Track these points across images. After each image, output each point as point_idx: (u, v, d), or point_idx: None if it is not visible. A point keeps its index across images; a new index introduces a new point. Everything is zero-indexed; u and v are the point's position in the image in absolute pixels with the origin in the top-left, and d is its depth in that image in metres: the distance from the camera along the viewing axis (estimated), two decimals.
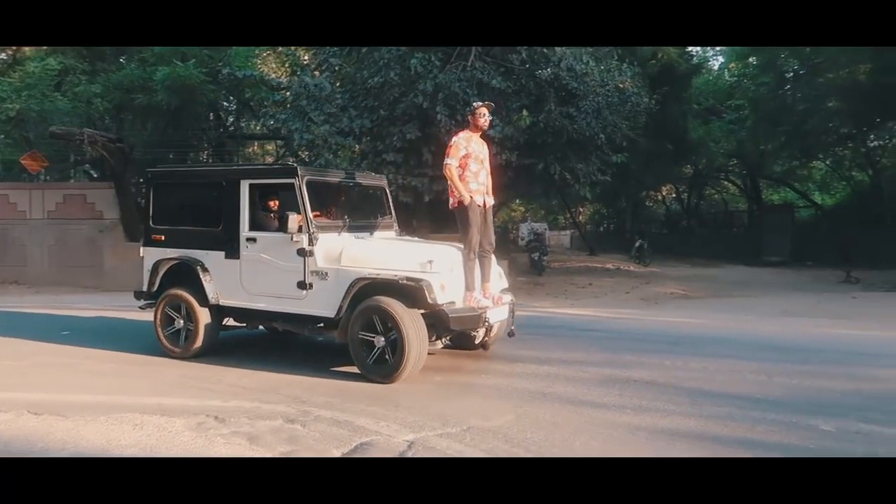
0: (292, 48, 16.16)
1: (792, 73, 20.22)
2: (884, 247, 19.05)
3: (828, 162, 24.10)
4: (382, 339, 5.36)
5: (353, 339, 5.51)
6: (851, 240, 20.19)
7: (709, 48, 25.28)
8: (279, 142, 19.03)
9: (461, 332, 5.96)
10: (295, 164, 5.97)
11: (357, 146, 12.55)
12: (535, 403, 4.90)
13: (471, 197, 5.82)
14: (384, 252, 5.88)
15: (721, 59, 26.38)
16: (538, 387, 5.32)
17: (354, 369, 5.86)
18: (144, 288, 6.72)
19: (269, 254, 6.00)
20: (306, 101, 12.51)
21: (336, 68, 13.29)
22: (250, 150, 22.39)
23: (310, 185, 5.92)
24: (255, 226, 6.19)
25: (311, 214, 5.81)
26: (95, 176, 19.58)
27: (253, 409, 4.70)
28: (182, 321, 6.42)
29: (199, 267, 6.32)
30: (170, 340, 6.50)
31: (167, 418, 4.46)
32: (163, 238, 6.63)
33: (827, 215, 24.95)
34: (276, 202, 6.60)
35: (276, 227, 6.17)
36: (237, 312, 6.42)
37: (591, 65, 12.10)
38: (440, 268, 5.50)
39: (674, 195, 33.24)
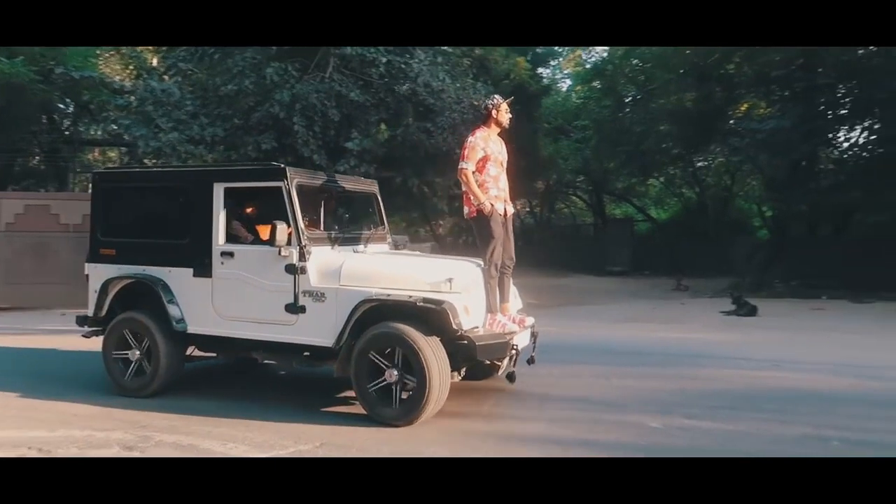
0: (138, 49, 15.25)
1: (630, 98, 21.92)
2: (708, 257, 21.10)
3: (661, 180, 26.27)
4: (395, 372, 4.60)
5: (358, 373, 4.70)
6: (682, 251, 22.16)
7: (557, 71, 26.86)
8: (123, 149, 17.80)
9: (485, 362, 5.24)
10: (282, 165, 5.15)
11: (209, 155, 12.04)
12: None
13: (492, 205, 5.09)
14: (392, 268, 5.10)
15: (569, 81, 28.06)
16: None
17: (201, 391, 5.60)
18: (90, 312, 5.66)
19: (250, 271, 5.10)
20: (153, 107, 11.82)
21: (187, 73, 12.70)
22: (90, 156, 20.73)
23: (298, 189, 5.09)
24: (231, 237, 5.34)
25: (302, 224, 4.98)
26: None
27: (84, 438, 4.35)
28: (138, 352, 5.42)
29: (160, 287, 5.34)
30: (123, 375, 5.47)
31: None
32: (114, 252, 5.64)
33: (661, 229, 27.18)
34: (253, 209, 5.81)
35: (256, 238, 5.45)
36: (207, 341, 5.47)
37: (447, 82, 12.44)
38: (460, 287, 4.74)
39: (527, 209, 34.79)
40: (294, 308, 4.93)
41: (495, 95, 5.47)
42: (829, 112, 16.24)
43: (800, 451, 4.11)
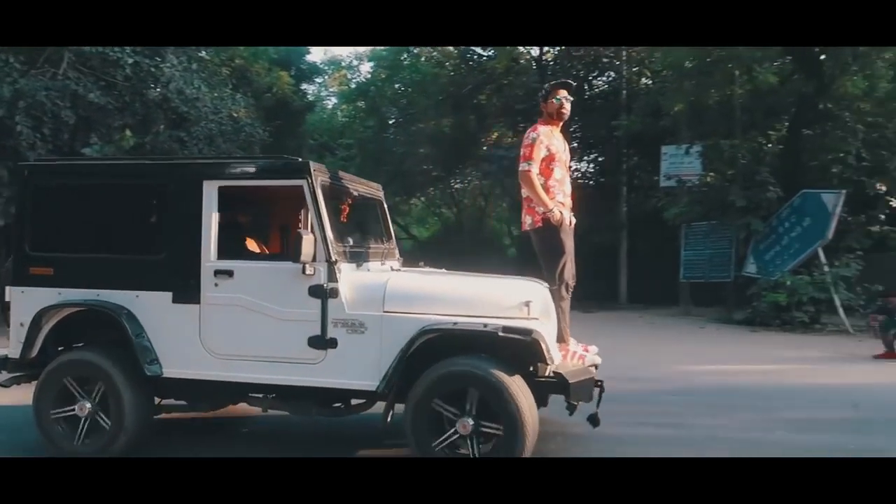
0: None
1: (393, 120, 22.76)
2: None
3: (423, 199, 27.61)
4: (470, 422, 3.65)
5: (417, 425, 3.74)
6: (442, 267, 23.44)
7: (323, 89, 26.93)
8: None
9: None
10: (302, 159, 4.12)
11: None
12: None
13: (560, 213, 4.37)
14: (450, 289, 4.10)
15: (335, 99, 28.29)
16: None
17: None
18: (14, 353, 4.25)
19: (258, 295, 3.98)
20: None
21: None
22: None
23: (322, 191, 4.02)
24: (227, 251, 4.13)
25: (330, 234, 3.93)
26: None
27: None
28: (89, 405, 4.09)
29: (124, 317, 4.06)
30: (69, 437, 4.11)
31: None
32: (51, 272, 4.25)
33: (422, 246, 28.49)
34: (247, 217, 4.73)
35: (260, 252, 4.44)
36: (189, 387, 4.19)
37: (203, 90, 11.83)
38: (538, 312, 3.90)
39: None
40: (321, 342, 3.89)
41: (550, 82, 4.68)
42: None
43: (548, 446, 4.54)
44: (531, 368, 3.83)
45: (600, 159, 19.15)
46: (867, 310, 10.25)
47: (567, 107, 4.55)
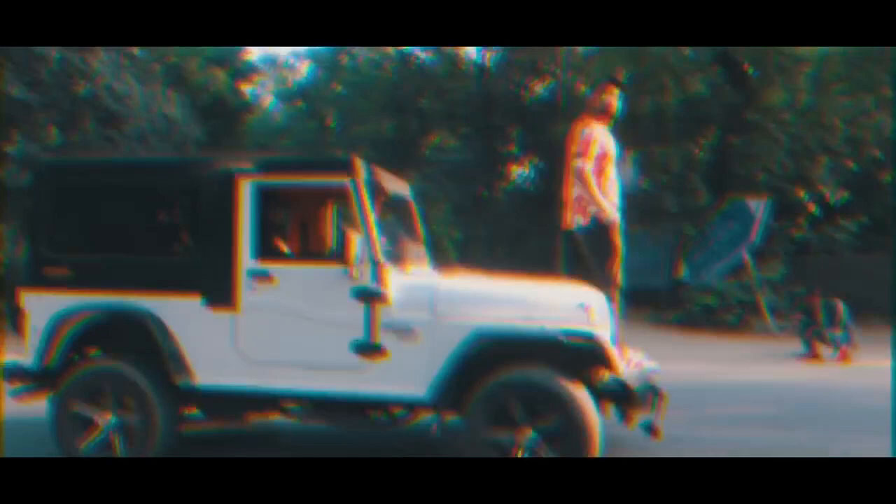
0: None
1: (334, 122, 22.53)
2: None
3: None
4: (530, 432, 3.45)
5: (475, 440, 3.53)
6: None
7: (261, 91, 26.44)
8: None
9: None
10: (346, 155, 3.95)
11: None
12: None
13: (614, 213, 4.32)
14: (505, 293, 3.87)
15: (272, 98, 27.78)
16: None
17: None
18: (30, 362, 3.93)
19: (297, 298, 3.76)
20: None
21: None
22: None
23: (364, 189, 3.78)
24: (264, 252, 3.90)
25: (376, 234, 3.72)
26: None
27: None
28: (114, 417, 3.81)
29: (151, 322, 3.81)
30: (90, 450, 3.80)
31: None
32: (69, 273, 3.95)
33: None
34: (286, 217, 4.61)
35: (299, 253, 4.40)
36: (223, 397, 3.90)
37: (134, 87, 11.47)
38: (598, 317, 3.69)
39: None
40: (367, 348, 3.68)
41: (597, 80, 4.76)
42: (504, 150, 18.67)
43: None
44: (590, 376, 3.62)
45: (538, 164, 19.45)
46: (791, 311, 10.74)
47: (615, 104, 4.47)
